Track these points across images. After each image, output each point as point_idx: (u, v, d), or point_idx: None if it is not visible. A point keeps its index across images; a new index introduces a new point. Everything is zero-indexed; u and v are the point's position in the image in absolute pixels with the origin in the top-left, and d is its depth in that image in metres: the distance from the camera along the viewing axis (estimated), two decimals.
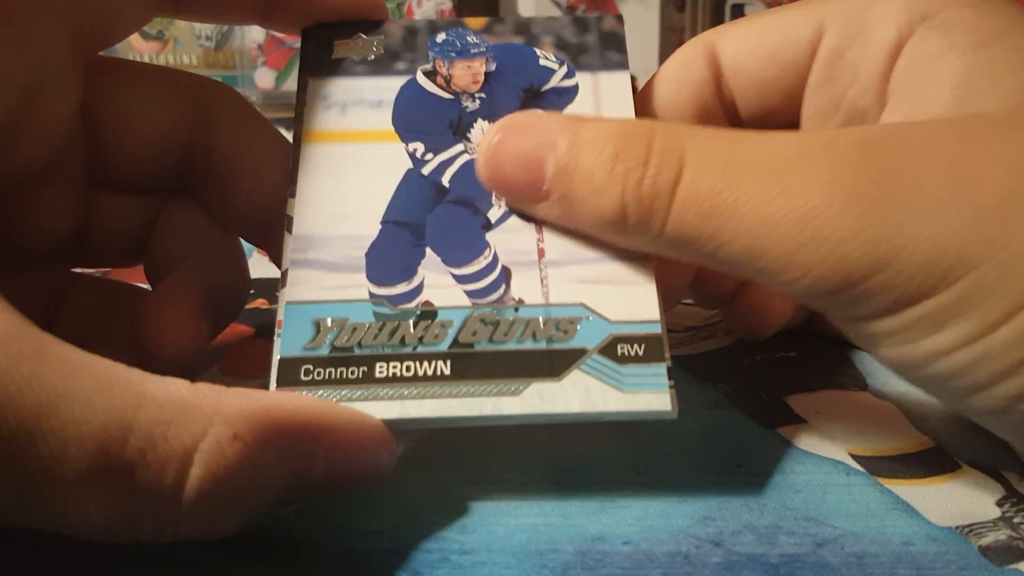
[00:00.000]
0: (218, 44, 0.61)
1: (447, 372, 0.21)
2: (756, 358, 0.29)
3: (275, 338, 0.21)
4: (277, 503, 0.19)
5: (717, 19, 0.60)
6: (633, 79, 0.26)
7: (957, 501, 0.22)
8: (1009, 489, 0.22)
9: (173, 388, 0.17)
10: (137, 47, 0.61)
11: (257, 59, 0.69)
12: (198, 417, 0.17)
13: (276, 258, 0.23)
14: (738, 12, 0.59)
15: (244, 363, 0.29)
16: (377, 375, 0.20)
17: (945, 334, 0.18)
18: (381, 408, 0.20)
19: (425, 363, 0.21)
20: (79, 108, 0.23)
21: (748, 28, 0.25)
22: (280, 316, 0.21)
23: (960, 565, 0.19)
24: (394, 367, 0.21)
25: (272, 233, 0.24)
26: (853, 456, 0.23)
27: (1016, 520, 0.21)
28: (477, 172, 0.22)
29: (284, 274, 0.22)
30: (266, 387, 0.21)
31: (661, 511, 0.21)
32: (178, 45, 0.61)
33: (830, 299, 0.20)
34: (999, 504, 0.21)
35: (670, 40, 0.60)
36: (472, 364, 0.21)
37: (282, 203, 0.23)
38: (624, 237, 0.21)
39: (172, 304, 0.24)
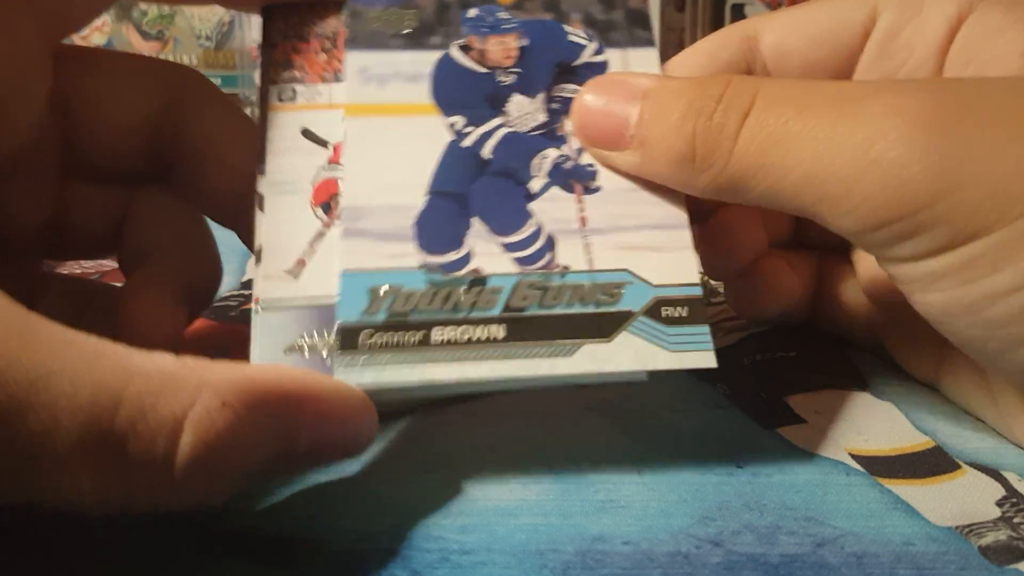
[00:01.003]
0: (218, 44, 0.61)
1: (501, 336, 0.21)
2: (756, 358, 0.29)
3: (252, 315, 0.22)
4: (266, 474, 0.19)
5: (717, 19, 0.59)
6: None
7: (957, 501, 0.22)
8: (1009, 489, 0.22)
9: (160, 361, 0.18)
10: (137, 46, 0.61)
11: (257, 59, 0.69)
12: (186, 387, 0.17)
13: (247, 238, 0.24)
14: (738, 12, 0.59)
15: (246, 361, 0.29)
16: (433, 340, 0.21)
17: (1004, 274, 0.18)
18: (440, 371, 0.21)
19: (480, 327, 0.21)
20: (49, 97, 0.23)
21: (795, 13, 0.26)
22: (257, 293, 0.22)
23: (960, 565, 0.19)
24: (450, 332, 0.21)
25: (243, 213, 0.24)
26: (853, 456, 0.23)
27: (1016, 520, 0.21)
28: (571, 123, 0.24)
29: (258, 252, 0.22)
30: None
31: (661, 511, 0.21)
32: (178, 45, 0.61)
33: (887, 231, 0.19)
34: (999, 504, 0.21)
35: (670, 40, 0.60)
36: (525, 328, 0.21)
37: (250, 183, 0.23)
38: (690, 177, 0.22)
39: (148, 292, 0.24)
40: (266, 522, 0.21)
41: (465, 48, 0.25)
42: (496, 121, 0.24)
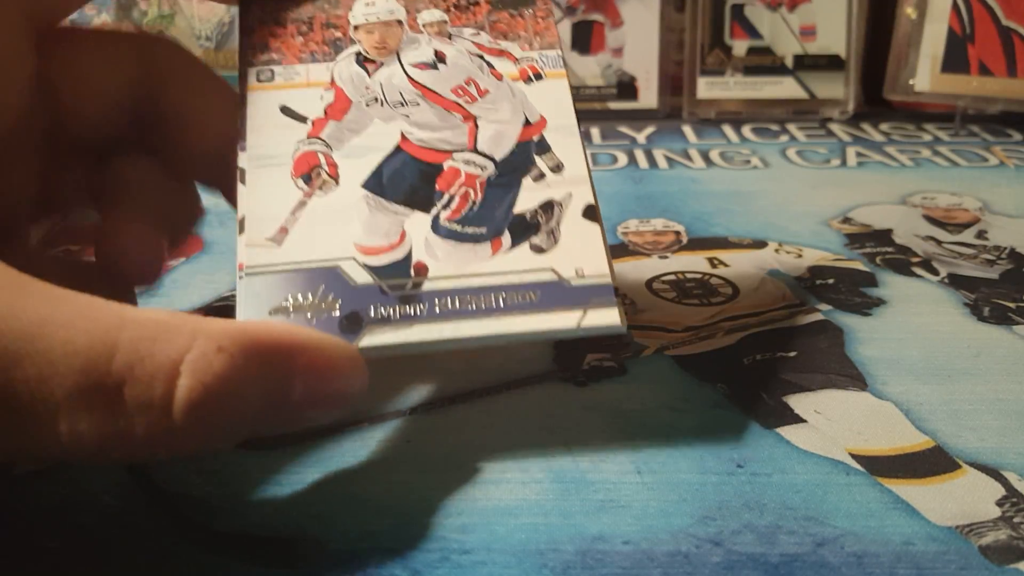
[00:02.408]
0: (218, 44, 0.61)
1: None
2: (756, 358, 0.29)
3: (237, 281, 0.22)
4: (262, 424, 0.19)
5: (717, 19, 0.59)
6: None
7: (957, 501, 0.22)
8: (1009, 489, 0.22)
9: (153, 312, 0.18)
10: None
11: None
12: (182, 333, 0.18)
13: (231, 197, 0.25)
14: (738, 12, 0.59)
15: None
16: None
17: None
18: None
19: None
20: (35, 77, 0.23)
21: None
22: (241, 260, 0.23)
23: (960, 565, 0.19)
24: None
25: (226, 173, 0.25)
26: (853, 456, 0.23)
27: (1016, 520, 0.21)
28: None
29: (241, 223, 0.23)
30: None
31: (661, 511, 0.21)
32: None
33: None
34: (999, 504, 0.21)
35: (670, 40, 0.60)
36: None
37: (231, 144, 0.24)
38: None
39: (127, 218, 0.24)
40: (266, 522, 0.21)
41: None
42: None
